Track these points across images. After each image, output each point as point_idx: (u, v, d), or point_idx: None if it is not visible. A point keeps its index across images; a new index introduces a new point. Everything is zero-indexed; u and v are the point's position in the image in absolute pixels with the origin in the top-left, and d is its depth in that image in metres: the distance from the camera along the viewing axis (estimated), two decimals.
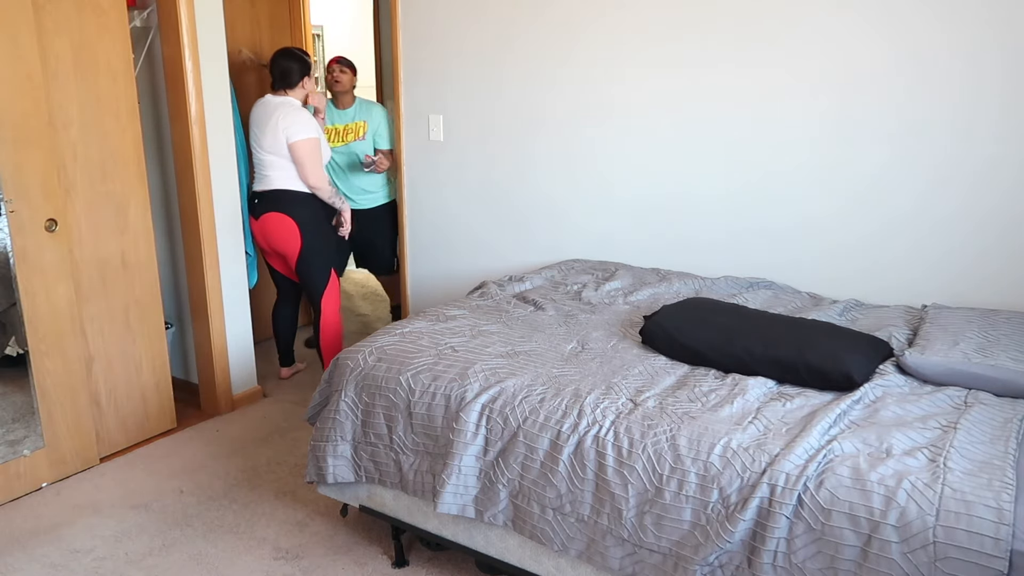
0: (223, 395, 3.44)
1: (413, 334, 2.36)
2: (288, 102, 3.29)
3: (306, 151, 3.24)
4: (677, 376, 2.09)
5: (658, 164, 3.09)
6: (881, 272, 2.72)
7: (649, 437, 1.79)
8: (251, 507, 2.69)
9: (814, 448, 1.68)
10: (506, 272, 3.57)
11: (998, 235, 2.51)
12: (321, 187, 3.33)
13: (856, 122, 2.66)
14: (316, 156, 3.28)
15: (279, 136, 3.23)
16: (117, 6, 2.86)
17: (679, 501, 1.72)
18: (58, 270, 2.74)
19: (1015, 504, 1.46)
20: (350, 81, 3.94)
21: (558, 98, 3.26)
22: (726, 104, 2.89)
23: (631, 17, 3.01)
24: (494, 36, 3.35)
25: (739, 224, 2.95)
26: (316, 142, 3.28)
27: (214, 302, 3.33)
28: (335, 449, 2.24)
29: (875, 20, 2.57)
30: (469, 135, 3.53)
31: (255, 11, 4.05)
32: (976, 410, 1.81)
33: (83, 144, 2.82)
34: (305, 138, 3.23)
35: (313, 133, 3.27)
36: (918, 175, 2.60)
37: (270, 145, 3.26)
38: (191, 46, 3.08)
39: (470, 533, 2.12)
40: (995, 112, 2.44)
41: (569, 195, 3.32)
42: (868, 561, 1.52)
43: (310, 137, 3.25)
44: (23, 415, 2.76)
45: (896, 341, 2.23)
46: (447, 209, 3.69)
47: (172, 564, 2.39)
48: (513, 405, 1.97)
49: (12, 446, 2.71)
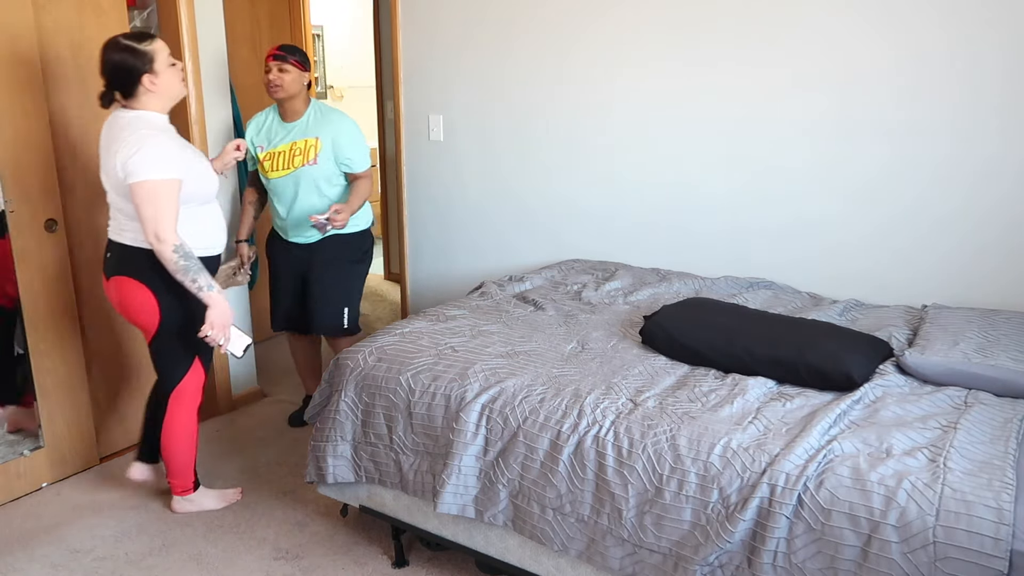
0: (223, 395, 3.44)
1: (413, 334, 2.36)
2: (140, 119, 2.27)
3: (145, 196, 2.19)
4: (677, 376, 2.09)
5: (658, 164, 3.09)
6: (881, 272, 2.72)
7: (649, 437, 1.79)
8: (251, 507, 2.69)
9: (814, 448, 1.68)
10: (506, 272, 3.57)
11: (998, 235, 2.51)
12: (163, 251, 2.22)
13: (856, 122, 2.66)
14: (165, 205, 2.21)
15: (117, 171, 2.23)
16: (117, 6, 2.86)
17: (679, 501, 1.72)
18: (58, 270, 2.74)
19: (1015, 504, 1.46)
20: (295, 82, 2.82)
21: (558, 98, 3.26)
22: (726, 104, 2.89)
23: (631, 17, 3.01)
24: (494, 36, 3.35)
25: (739, 224, 2.95)
26: (168, 186, 2.22)
27: None
28: (335, 449, 2.24)
29: (875, 20, 2.57)
30: (469, 135, 3.53)
31: (255, 11, 4.05)
32: (976, 410, 1.81)
33: (83, 144, 2.82)
34: (145, 179, 2.19)
35: (166, 172, 2.21)
36: (918, 175, 2.60)
37: (113, 182, 2.28)
38: (191, 46, 3.08)
39: (470, 533, 2.12)
40: (995, 112, 2.44)
41: (569, 195, 3.32)
42: (868, 561, 1.52)
43: (157, 179, 2.20)
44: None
45: (896, 341, 2.23)
46: (447, 209, 3.69)
47: (172, 564, 2.39)
48: (513, 405, 1.97)
49: (12, 446, 2.71)
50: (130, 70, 2.24)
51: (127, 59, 2.23)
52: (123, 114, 2.29)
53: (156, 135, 2.25)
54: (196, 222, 2.37)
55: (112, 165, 2.24)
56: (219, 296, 2.31)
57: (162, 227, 2.21)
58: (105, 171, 2.30)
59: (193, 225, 2.35)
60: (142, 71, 2.24)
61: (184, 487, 2.60)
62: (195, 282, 2.27)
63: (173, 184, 2.24)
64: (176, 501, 2.63)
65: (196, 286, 2.28)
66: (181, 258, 2.24)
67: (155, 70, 2.26)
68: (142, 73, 2.24)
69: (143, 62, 2.24)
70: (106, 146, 2.28)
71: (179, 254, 2.24)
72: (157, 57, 2.26)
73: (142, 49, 2.24)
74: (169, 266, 2.25)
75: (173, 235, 2.23)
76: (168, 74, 2.29)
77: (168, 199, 2.22)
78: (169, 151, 2.25)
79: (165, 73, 2.28)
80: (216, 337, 2.34)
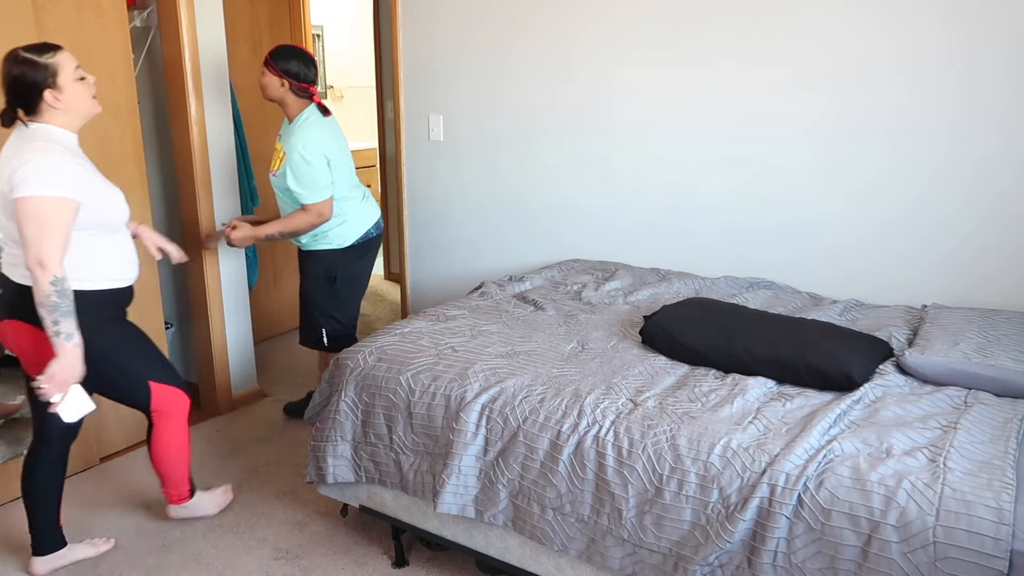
0: (223, 395, 3.44)
1: (413, 334, 2.36)
2: (41, 132, 2.04)
3: (31, 214, 1.93)
4: (677, 376, 2.09)
5: (658, 163, 3.09)
6: (881, 272, 2.72)
7: (649, 437, 1.79)
8: (251, 507, 2.69)
9: (814, 448, 1.68)
10: (506, 272, 3.57)
11: (998, 235, 2.51)
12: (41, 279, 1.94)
13: (856, 122, 2.66)
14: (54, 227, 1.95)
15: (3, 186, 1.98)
16: (117, 6, 2.86)
17: (679, 501, 1.72)
18: None
19: (1015, 504, 1.46)
20: (269, 86, 2.80)
21: (558, 98, 3.26)
22: (727, 103, 2.89)
23: (631, 16, 3.01)
24: (494, 36, 3.35)
25: (739, 224, 2.95)
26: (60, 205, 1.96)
27: (214, 302, 3.33)
28: (335, 449, 2.24)
29: (875, 20, 2.57)
30: (469, 135, 3.53)
31: (255, 11, 4.05)
32: (976, 410, 1.81)
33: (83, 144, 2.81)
34: (33, 195, 1.93)
35: (59, 190, 1.96)
36: (918, 175, 2.60)
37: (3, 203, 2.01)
38: (191, 46, 3.08)
39: (470, 533, 2.12)
40: (995, 112, 2.44)
41: (569, 195, 3.32)
42: (868, 561, 1.52)
43: (47, 195, 1.94)
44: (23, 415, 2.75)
45: (896, 341, 2.23)
46: (447, 209, 3.69)
47: (172, 564, 2.39)
48: (513, 405, 1.97)
49: (12, 446, 2.71)
50: (31, 85, 2.00)
51: (26, 72, 1.99)
52: (24, 129, 2.05)
53: (55, 149, 2.01)
54: (101, 252, 2.14)
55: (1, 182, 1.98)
56: (75, 350, 2.00)
57: (46, 252, 1.93)
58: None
59: (97, 255, 2.13)
60: (43, 86, 2.00)
61: (180, 495, 2.56)
62: (56, 323, 1.96)
63: (66, 205, 1.97)
64: (172, 509, 2.59)
65: (56, 328, 1.97)
66: (55, 293, 1.95)
67: (59, 84, 2.01)
68: (43, 88, 2.01)
69: (44, 76, 2.00)
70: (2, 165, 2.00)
71: (56, 288, 1.95)
72: (61, 71, 2.02)
73: (43, 62, 2.00)
74: (39, 296, 1.95)
75: (57, 265, 1.95)
76: (74, 89, 2.05)
77: (58, 221, 1.95)
78: (66, 168, 2.00)
79: (71, 88, 2.04)
80: (50, 392, 2.02)
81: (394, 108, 3.72)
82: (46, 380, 2.00)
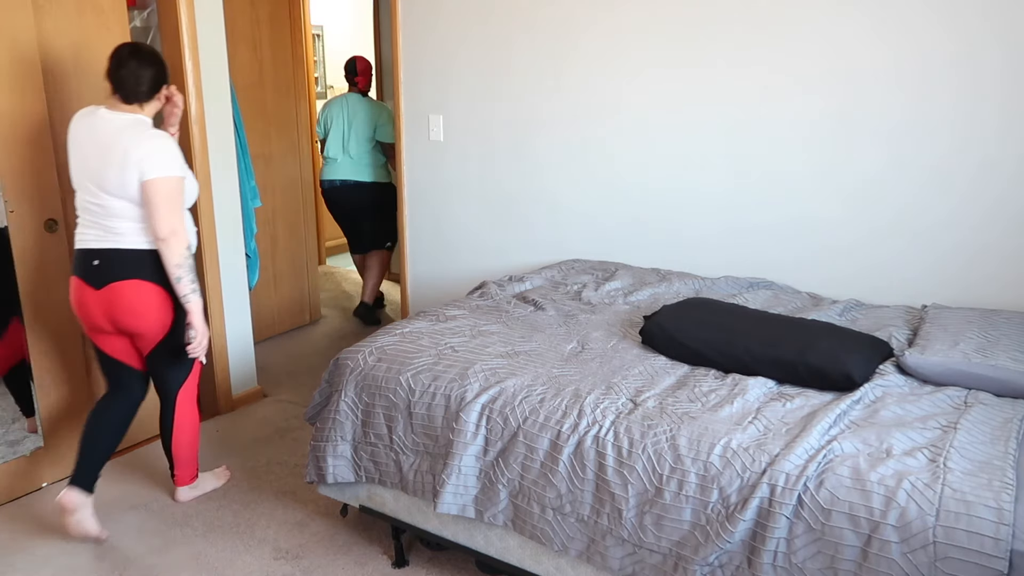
0: (223, 395, 3.44)
1: (413, 334, 2.36)
2: (142, 122, 2.34)
3: (165, 192, 2.28)
4: (677, 376, 2.09)
5: (658, 164, 3.09)
6: (881, 272, 2.72)
7: (649, 437, 1.79)
8: (251, 507, 2.69)
9: (814, 448, 1.68)
10: (506, 272, 3.57)
11: (998, 235, 2.51)
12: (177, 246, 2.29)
13: (856, 122, 2.66)
14: (179, 201, 2.33)
15: (129, 172, 2.26)
16: (117, 6, 2.86)
17: (679, 501, 1.72)
18: (58, 270, 2.74)
19: (1015, 504, 1.46)
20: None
21: (558, 98, 3.26)
22: (726, 104, 2.89)
23: (631, 17, 3.01)
24: (494, 36, 3.35)
25: (739, 224, 2.95)
26: (179, 182, 2.32)
27: (214, 302, 3.33)
28: (335, 449, 2.24)
29: (875, 21, 2.57)
30: (469, 135, 3.53)
31: (255, 11, 4.05)
32: (976, 410, 1.81)
33: None
34: (166, 175, 2.27)
35: (178, 169, 2.32)
36: (918, 175, 2.60)
37: (116, 185, 2.28)
38: (191, 46, 3.08)
39: (470, 533, 2.12)
40: (994, 112, 2.44)
41: (569, 195, 3.32)
42: (868, 561, 1.52)
43: (174, 175, 2.30)
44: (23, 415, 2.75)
45: (896, 341, 2.24)
46: (447, 209, 3.69)
47: (172, 564, 2.39)
48: (513, 405, 1.97)
49: (12, 446, 2.71)
50: (163, 80, 2.38)
51: (163, 70, 2.38)
52: (116, 116, 2.30)
53: (164, 134, 2.34)
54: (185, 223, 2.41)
55: (120, 165, 2.25)
56: (200, 302, 2.37)
57: (178, 222, 2.30)
58: (103, 173, 2.27)
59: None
60: (165, 81, 2.40)
61: (192, 475, 2.71)
62: (192, 282, 2.33)
63: (182, 183, 2.34)
64: (182, 491, 2.70)
65: (192, 287, 2.33)
66: (188, 256, 2.34)
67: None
68: (165, 83, 2.39)
69: (168, 75, 2.42)
70: (103, 148, 2.27)
71: (188, 252, 2.34)
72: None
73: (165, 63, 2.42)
74: (175, 259, 2.29)
75: (185, 232, 2.33)
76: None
77: (180, 196, 2.33)
78: (177, 151, 2.35)
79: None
80: (200, 344, 2.39)
81: (394, 108, 3.73)
82: (196, 329, 2.36)
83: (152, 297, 2.37)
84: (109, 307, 2.35)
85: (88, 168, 2.29)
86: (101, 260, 2.34)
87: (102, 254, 2.34)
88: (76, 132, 2.33)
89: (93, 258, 2.34)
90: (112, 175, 2.26)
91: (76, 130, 2.33)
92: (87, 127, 2.31)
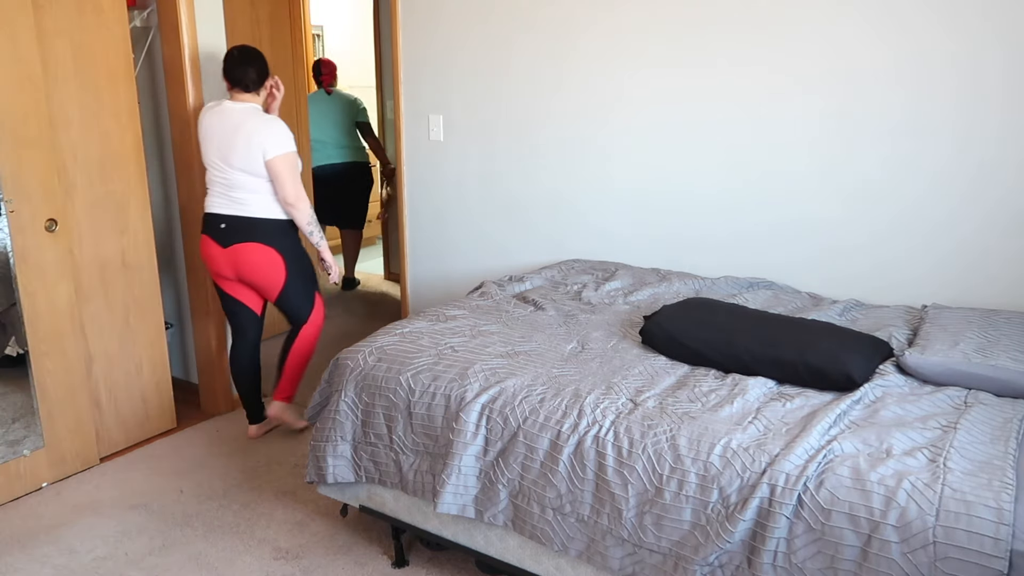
0: (223, 395, 3.44)
1: (413, 334, 2.36)
2: (255, 109, 2.88)
3: (286, 167, 2.83)
4: (677, 376, 2.09)
5: (658, 164, 3.09)
6: (881, 272, 2.72)
7: (649, 437, 1.79)
8: (251, 507, 2.69)
9: (814, 448, 1.68)
10: (506, 272, 3.57)
11: (998, 235, 2.51)
12: (305, 209, 2.90)
13: (856, 122, 2.66)
14: (297, 174, 2.88)
15: (252, 151, 2.80)
16: (117, 6, 2.86)
17: (679, 501, 1.72)
18: (58, 270, 2.74)
19: (1015, 504, 1.46)
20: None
21: (558, 98, 3.26)
22: (726, 104, 2.89)
23: (631, 17, 3.01)
24: (494, 36, 3.35)
25: (739, 224, 2.95)
26: (296, 156, 2.88)
27: (214, 302, 3.33)
28: (335, 449, 2.24)
29: (875, 21, 2.57)
30: (469, 135, 3.53)
31: (255, 11, 4.05)
32: (976, 410, 1.81)
33: (83, 144, 2.82)
34: (284, 152, 2.82)
35: (292, 146, 2.87)
36: (918, 175, 2.60)
37: (241, 162, 2.82)
38: (191, 46, 3.08)
39: (470, 533, 2.12)
40: (995, 112, 2.44)
41: (569, 195, 3.32)
42: (868, 561, 1.52)
43: (289, 151, 2.85)
44: (23, 415, 2.76)
45: (896, 341, 2.23)
46: (447, 209, 3.69)
47: (172, 564, 2.39)
48: (513, 405, 1.97)
49: (12, 446, 2.71)
50: (266, 72, 2.92)
51: (266, 65, 2.91)
52: (237, 106, 2.85)
53: (278, 119, 2.87)
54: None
55: (244, 145, 2.78)
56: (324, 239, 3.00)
57: (301, 191, 2.87)
58: (230, 152, 2.80)
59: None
60: (268, 74, 2.93)
61: (290, 395, 3.13)
62: (321, 234, 2.97)
63: (297, 156, 2.89)
64: (276, 406, 3.13)
65: (320, 236, 2.96)
66: (314, 215, 2.93)
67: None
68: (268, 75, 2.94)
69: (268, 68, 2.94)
70: (229, 131, 2.80)
71: (312, 213, 2.92)
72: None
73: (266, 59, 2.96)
74: (306, 219, 2.90)
75: (306, 196, 2.91)
76: None
77: (297, 168, 2.88)
78: (289, 131, 2.87)
79: None
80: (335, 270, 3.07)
81: (394, 108, 3.72)
82: (328, 262, 3.03)
83: (268, 257, 2.89)
84: (235, 263, 2.90)
85: (218, 147, 2.83)
86: (227, 224, 2.87)
87: (228, 219, 2.87)
88: (207, 120, 2.86)
89: (220, 222, 2.88)
90: (238, 152, 2.79)
91: (207, 119, 2.86)
92: (217, 114, 2.84)
